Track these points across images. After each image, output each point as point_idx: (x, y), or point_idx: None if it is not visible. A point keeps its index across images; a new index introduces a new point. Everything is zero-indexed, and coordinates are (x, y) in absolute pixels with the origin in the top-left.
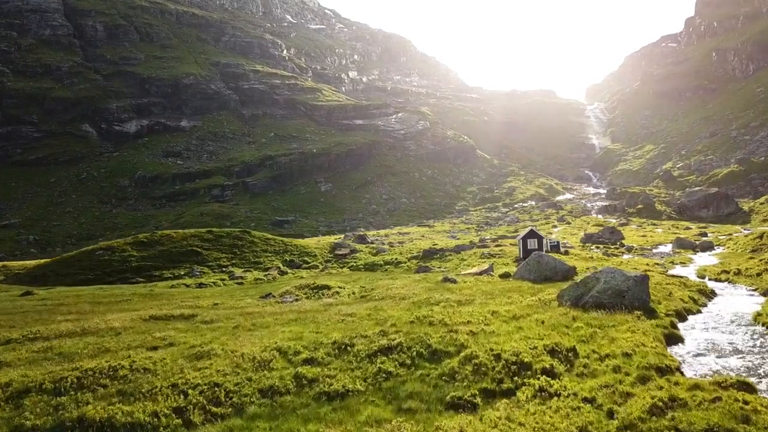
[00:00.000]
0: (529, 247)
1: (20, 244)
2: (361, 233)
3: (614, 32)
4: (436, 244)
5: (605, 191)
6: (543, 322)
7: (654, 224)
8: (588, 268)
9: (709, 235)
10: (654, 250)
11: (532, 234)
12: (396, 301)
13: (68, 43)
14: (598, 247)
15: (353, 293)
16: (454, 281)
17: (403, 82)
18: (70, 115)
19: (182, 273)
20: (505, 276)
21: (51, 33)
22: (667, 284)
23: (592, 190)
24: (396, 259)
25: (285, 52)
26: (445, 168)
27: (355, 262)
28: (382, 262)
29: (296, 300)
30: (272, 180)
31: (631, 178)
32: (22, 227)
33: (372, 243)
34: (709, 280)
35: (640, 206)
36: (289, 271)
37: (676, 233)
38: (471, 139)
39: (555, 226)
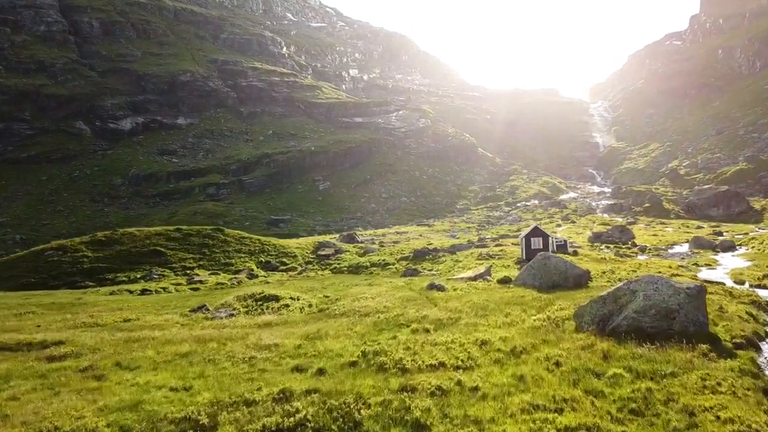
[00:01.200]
0: (533, 247)
1: (5, 244)
2: (350, 232)
3: (617, 31)
4: (431, 244)
5: (610, 190)
6: (558, 364)
7: (663, 223)
8: (604, 272)
9: (724, 234)
10: (670, 251)
11: (536, 232)
12: (357, 319)
13: (63, 39)
14: (608, 247)
15: (310, 306)
16: (442, 288)
17: (404, 81)
18: (64, 112)
19: (138, 276)
20: (504, 282)
21: (45, 29)
22: (709, 293)
23: (596, 188)
24: (383, 260)
25: (284, 49)
26: (446, 166)
27: (338, 264)
28: (368, 264)
29: (230, 315)
30: (269, 178)
31: (636, 176)
32: (10, 226)
33: (361, 243)
34: (751, 286)
35: (647, 205)
36: (262, 273)
37: (688, 232)
38: (473, 137)
39: (559, 225)
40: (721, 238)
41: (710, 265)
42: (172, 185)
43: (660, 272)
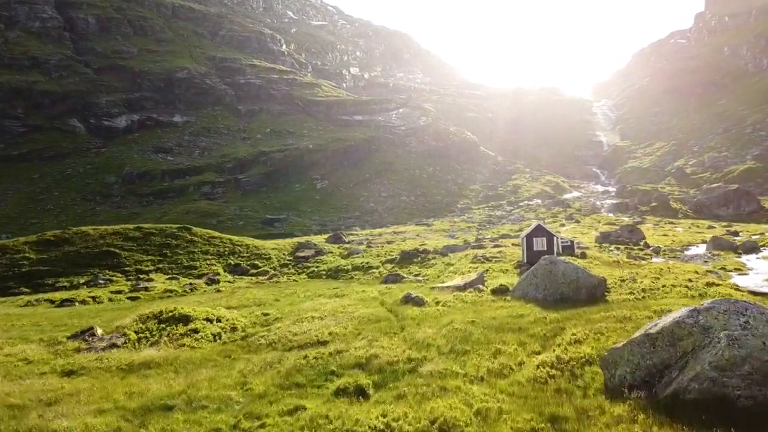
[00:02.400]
0: (535, 249)
1: None
2: (338, 232)
3: (620, 29)
4: (424, 244)
5: (615, 189)
6: None
7: (672, 223)
8: (623, 281)
9: (740, 234)
10: (687, 252)
11: (538, 231)
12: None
13: (58, 35)
14: (618, 248)
15: (234, 329)
16: (420, 302)
17: (405, 79)
18: (58, 109)
19: (82, 281)
20: (499, 292)
21: (40, 25)
22: None
23: (600, 188)
24: (367, 263)
25: (284, 47)
26: (447, 165)
27: (316, 267)
28: (349, 267)
29: (112, 346)
30: (265, 177)
31: (641, 175)
32: None
33: (348, 243)
34: None
35: (654, 204)
36: (227, 278)
37: (700, 232)
38: (475, 136)
39: (563, 225)
40: (738, 238)
41: (740, 269)
42: (166, 184)
43: (690, 280)
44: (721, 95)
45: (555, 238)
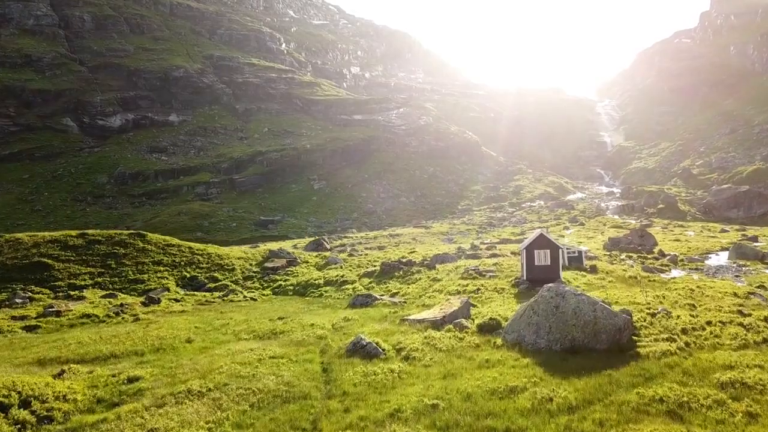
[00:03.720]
0: (537, 263)
1: None
2: (319, 238)
3: (624, 29)
4: (414, 251)
5: (619, 190)
6: None
7: (681, 226)
8: (652, 315)
9: (760, 240)
10: (707, 262)
11: (541, 242)
12: None
13: (53, 33)
14: (630, 257)
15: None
16: (373, 353)
17: (407, 79)
18: (51, 108)
19: None
20: (488, 330)
21: (35, 23)
22: None
23: (604, 189)
24: (342, 276)
25: (284, 46)
26: (448, 165)
27: (284, 281)
28: (321, 282)
29: None
30: (261, 177)
31: (646, 176)
32: None
33: (329, 251)
34: None
35: (661, 206)
36: (179, 294)
37: (713, 236)
38: (476, 136)
39: (567, 228)
40: (758, 244)
41: None
42: (159, 184)
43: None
44: (727, 95)
45: (561, 250)
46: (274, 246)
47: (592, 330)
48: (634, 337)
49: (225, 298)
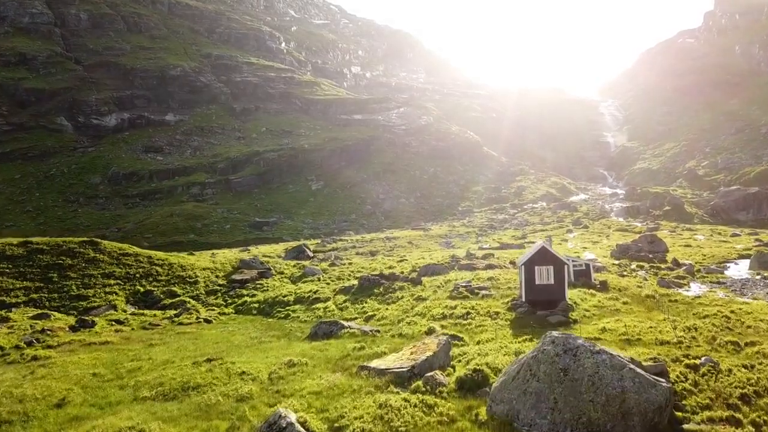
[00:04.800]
0: (538, 281)
1: None
2: (301, 244)
3: (626, 29)
4: (405, 259)
5: (623, 191)
6: None
7: (690, 229)
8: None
9: None
10: (727, 272)
11: (543, 256)
12: None
13: (48, 31)
14: (641, 266)
15: None
16: None
17: (408, 79)
18: (45, 107)
19: None
20: (472, 388)
21: (30, 21)
22: None
23: (608, 190)
24: (316, 292)
25: (283, 45)
26: (449, 166)
27: (251, 297)
28: (291, 299)
29: None
30: (258, 178)
31: (651, 177)
32: None
33: (310, 259)
34: None
35: (667, 208)
36: (127, 313)
37: (725, 241)
38: (478, 136)
39: (570, 231)
40: None
41: None
42: (154, 185)
43: None
44: (732, 95)
45: (567, 267)
46: (266, 250)
47: (618, 409)
48: (678, 413)
49: (176, 319)
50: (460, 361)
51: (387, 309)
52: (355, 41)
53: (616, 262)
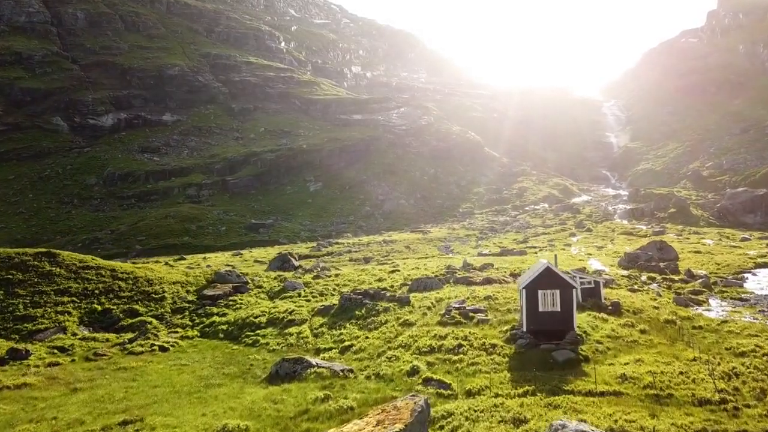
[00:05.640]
0: (542, 307)
1: None
2: (286, 254)
3: (629, 29)
4: (397, 269)
5: (627, 193)
6: None
7: (697, 233)
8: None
9: None
10: (747, 285)
11: (548, 278)
12: None
13: (44, 30)
14: (652, 278)
15: None
16: None
17: (409, 79)
18: (40, 106)
19: None
20: None
21: (26, 20)
22: None
23: (611, 191)
24: (292, 312)
25: (283, 44)
26: (450, 167)
27: (221, 316)
28: (264, 320)
29: None
30: (255, 178)
31: (654, 178)
32: None
33: (294, 269)
34: None
35: (672, 210)
36: (76, 337)
37: (736, 246)
38: (479, 136)
39: (573, 235)
40: None
41: None
42: (149, 185)
43: None
44: (737, 95)
45: (575, 291)
46: (259, 254)
47: None
48: None
49: (128, 346)
50: (442, 428)
51: (367, 337)
52: (356, 41)
53: (625, 273)
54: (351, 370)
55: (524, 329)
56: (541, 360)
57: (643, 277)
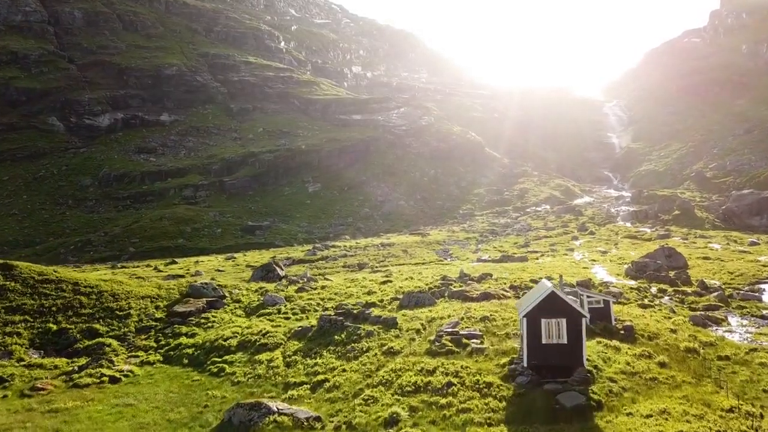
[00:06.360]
0: (545, 339)
1: None
2: (271, 262)
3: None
4: (389, 280)
5: (629, 194)
6: None
7: (703, 237)
8: None
9: None
10: (765, 297)
11: (551, 304)
12: None
13: (41, 30)
14: (663, 291)
15: None
16: None
17: (410, 79)
18: (36, 107)
19: None
20: None
21: (22, 19)
22: None
23: (613, 192)
24: (265, 334)
25: (283, 44)
26: (450, 167)
27: (189, 337)
28: (234, 343)
29: None
30: (253, 179)
31: (657, 179)
32: None
33: (281, 278)
34: None
35: (677, 213)
36: (22, 363)
37: (746, 252)
38: (480, 137)
39: (576, 238)
40: None
41: None
42: (145, 186)
43: None
44: (740, 95)
45: (584, 320)
46: (252, 257)
47: None
48: None
49: (74, 376)
50: None
51: (345, 369)
52: (356, 41)
53: (634, 284)
54: (318, 419)
55: (525, 364)
56: (545, 406)
57: (653, 289)
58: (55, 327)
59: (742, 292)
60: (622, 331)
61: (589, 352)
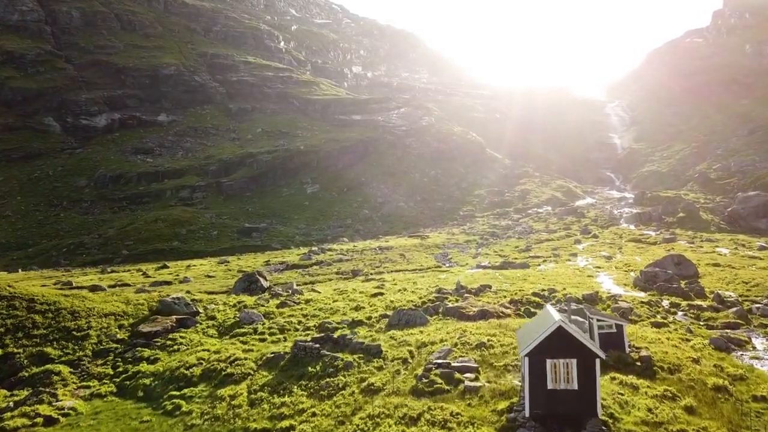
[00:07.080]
0: (551, 384)
1: None
2: (255, 272)
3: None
4: (381, 292)
5: (632, 195)
6: None
7: (710, 240)
8: None
9: None
10: None
11: (559, 341)
12: None
13: (38, 29)
14: (676, 306)
15: None
16: None
17: (410, 79)
18: (32, 107)
19: None
20: None
21: (19, 18)
22: None
23: (616, 193)
24: (233, 362)
25: (282, 44)
26: (451, 168)
27: (150, 363)
28: (196, 372)
29: None
30: (251, 180)
31: (659, 180)
32: None
33: (265, 290)
34: None
35: (681, 215)
36: None
37: (755, 256)
38: (481, 137)
39: (579, 242)
40: None
41: None
42: (141, 188)
43: None
44: (744, 95)
45: (598, 361)
46: (246, 261)
47: None
48: None
49: (8, 415)
50: None
51: (315, 413)
52: (356, 41)
53: (644, 297)
54: None
55: (527, 413)
56: None
57: (665, 303)
58: (0, 351)
59: (761, 306)
60: (638, 363)
61: (602, 394)
